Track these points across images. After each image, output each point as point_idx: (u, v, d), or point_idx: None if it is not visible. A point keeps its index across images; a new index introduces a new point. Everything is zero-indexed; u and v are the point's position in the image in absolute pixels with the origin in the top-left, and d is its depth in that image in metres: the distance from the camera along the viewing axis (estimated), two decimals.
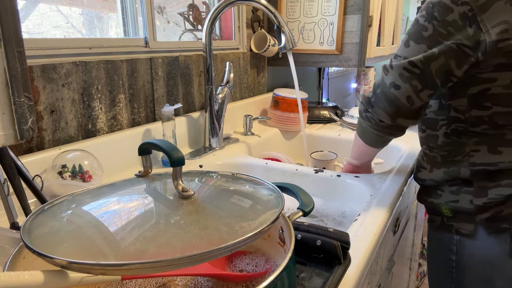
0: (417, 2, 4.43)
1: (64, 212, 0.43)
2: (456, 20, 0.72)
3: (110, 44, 1.00)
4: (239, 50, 1.53)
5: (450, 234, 0.85)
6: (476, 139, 0.79)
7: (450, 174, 0.83)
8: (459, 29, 0.72)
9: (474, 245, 0.82)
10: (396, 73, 0.76)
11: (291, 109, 1.44)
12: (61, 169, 0.79)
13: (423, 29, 0.75)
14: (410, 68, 0.75)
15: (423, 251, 2.40)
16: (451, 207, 0.84)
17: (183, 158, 0.45)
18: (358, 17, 1.47)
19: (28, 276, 0.33)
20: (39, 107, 0.83)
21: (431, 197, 0.88)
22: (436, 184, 0.87)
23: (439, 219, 0.88)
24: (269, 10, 1.07)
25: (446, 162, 0.84)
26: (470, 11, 0.71)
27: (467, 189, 0.81)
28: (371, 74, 2.03)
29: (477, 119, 0.78)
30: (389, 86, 0.77)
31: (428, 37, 0.74)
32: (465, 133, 0.80)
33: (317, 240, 0.54)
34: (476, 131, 0.79)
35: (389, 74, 0.77)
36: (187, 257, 0.34)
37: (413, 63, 0.75)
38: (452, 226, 0.85)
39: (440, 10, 0.73)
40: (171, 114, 1.02)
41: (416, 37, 0.76)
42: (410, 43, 0.77)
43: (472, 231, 0.82)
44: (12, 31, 0.48)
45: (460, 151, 0.81)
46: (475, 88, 0.77)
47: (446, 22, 0.73)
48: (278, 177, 1.05)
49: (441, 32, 0.73)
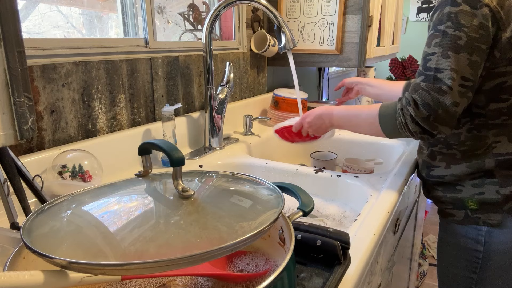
0: (417, 2, 4.43)
1: (64, 212, 0.43)
2: (482, 23, 0.76)
3: (110, 44, 1.00)
4: (239, 50, 1.53)
5: (477, 226, 0.88)
6: (495, 131, 0.83)
7: (474, 167, 0.86)
8: (487, 30, 0.77)
9: (502, 234, 0.85)
10: (455, 93, 0.77)
11: (291, 109, 1.44)
12: (61, 169, 0.79)
13: (457, 38, 0.77)
14: (464, 83, 0.78)
15: (423, 251, 2.40)
16: (477, 199, 0.86)
17: (183, 158, 0.45)
18: (358, 17, 1.47)
19: (28, 276, 0.33)
20: (39, 107, 0.83)
21: (452, 193, 0.90)
22: (456, 179, 0.89)
23: (462, 213, 0.90)
24: (269, 10, 1.07)
25: (466, 157, 0.87)
26: (490, 11, 0.76)
27: (491, 180, 0.85)
28: (371, 74, 2.03)
29: (497, 111, 0.82)
30: (450, 105, 0.77)
31: (465, 45, 0.77)
32: (485, 126, 0.84)
33: (317, 240, 0.54)
34: (496, 123, 0.83)
35: (448, 95, 0.77)
36: (187, 257, 0.34)
37: (465, 78, 0.77)
38: (479, 218, 0.87)
39: (465, 17, 0.77)
40: (171, 114, 1.02)
41: (454, 47, 0.77)
42: (449, 53, 0.78)
43: (501, 220, 0.85)
44: (12, 31, 0.48)
45: (481, 144, 0.85)
46: (490, 83, 0.81)
47: (475, 27, 0.77)
48: (278, 177, 1.05)
49: (475, 37, 0.77)
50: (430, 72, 0.79)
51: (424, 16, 4.34)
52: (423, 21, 4.32)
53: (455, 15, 0.77)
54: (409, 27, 4.39)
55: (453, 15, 0.77)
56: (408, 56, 2.96)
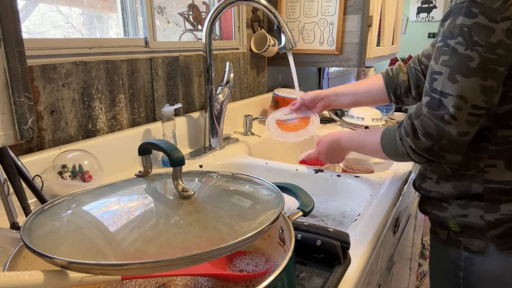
0: (417, 2, 4.44)
1: (64, 212, 0.43)
2: (502, 40, 0.63)
3: (110, 44, 1.00)
4: (239, 50, 1.53)
5: (458, 249, 0.80)
6: (493, 154, 0.73)
7: (460, 189, 0.77)
8: (508, 49, 0.63)
9: (484, 262, 0.77)
10: (461, 122, 0.67)
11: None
12: (61, 169, 0.79)
13: (468, 59, 0.65)
14: (475, 112, 0.66)
15: (423, 251, 2.40)
16: (459, 222, 0.78)
17: (183, 158, 0.45)
18: (358, 17, 1.47)
19: (28, 276, 0.33)
20: (39, 107, 0.83)
21: (436, 210, 0.82)
22: (442, 197, 0.81)
23: (445, 233, 0.82)
24: (269, 10, 1.07)
25: (456, 175, 0.77)
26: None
27: (477, 203, 0.75)
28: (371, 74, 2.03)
29: (503, 139, 0.72)
30: (456, 135, 0.67)
31: (477, 68, 0.64)
32: (484, 149, 0.74)
33: (317, 240, 0.54)
34: (496, 149, 0.73)
35: (453, 125, 0.67)
36: (187, 257, 0.34)
37: (476, 106, 0.66)
38: (460, 241, 0.79)
39: (480, 33, 0.63)
40: (171, 114, 1.02)
41: (463, 70, 0.65)
42: (457, 77, 0.66)
43: (482, 247, 0.76)
44: (12, 31, 0.48)
45: (474, 165, 0.75)
46: (502, 108, 0.70)
47: (492, 45, 0.63)
48: (278, 177, 1.05)
49: (490, 59, 0.64)
50: (435, 95, 0.69)
51: (424, 16, 4.34)
52: (423, 21, 4.33)
53: (468, 29, 0.64)
54: (409, 27, 4.39)
55: (466, 29, 0.64)
56: (408, 56, 2.97)
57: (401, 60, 2.97)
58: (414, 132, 0.71)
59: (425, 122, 0.69)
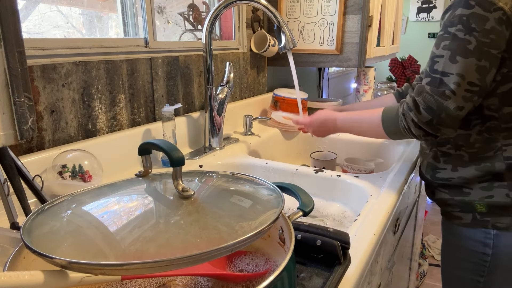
0: (417, 2, 4.44)
1: (64, 212, 0.43)
2: (494, 27, 0.74)
3: (110, 44, 1.00)
4: (239, 50, 1.53)
5: (485, 229, 0.87)
6: (506, 134, 0.82)
7: (483, 170, 0.85)
8: (500, 35, 0.75)
9: (510, 237, 0.85)
10: (459, 98, 0.77)
11: (291, 109, 1.44)
12: (61, 169, 0.79)
13: (467, 43, 0.76)
14: (470, 88, 0.77)
15: (423, 251, 2.40)
16: (486, 202, 0.85)
17: (183, 158, 0.45)
18: (358, 17, 1.47)
19: (28, 276, 0.33)
20: (39, 107, 0.83)
21: (459, 195, 0.89)
22: (464, 182, 0.88)
23: (470, 216, 0.89)
24: (269, 10, 1.07)
25: (475, 159, 0.86)
26: (504, 15, 0.74)
27: (500, 183, 0.84)
28: (371, 74, 2.03)
29: (510, 115, 0.81)
30: (454, 110, 0.78)
31: (474, 49, 0.76)
32: (497, 129, 0.83)
33: (317, 240, 0.54)
34: (508, 126, 0.82)
35: (452, 100, 0.77)
36: (187, 257, 0.34)
37: (472, 83, 0.77)
38: (487, 221, 0.87)
39: (477, 21, 0.75)
40: (171, 114, 1.02)
41: (462, 52, 0.76)
42: (457, 58, 0.77)
43: (509, 223, 0.84)
44: (12, 31, 0.48)
45: (491, 146, 0.84)
46: (505, 87, 0.80)
47: (486, 31, 0.75)
48: (278, 177, 1.05)
49: (485, 42, 0.75)
50: (436, 75, 0.79)
51: (424, 16, 4.34)
52: (423, 21, 4.32)
53: (467, 18, 0.75)
54: (409, 27, 4.39)
55: (465, 18, 0.76)
56: (408, 56, 2.96)
57: (401, 60, 2.97)
58: (417, 107, 0.80)
59: (427, 98, 0.79)
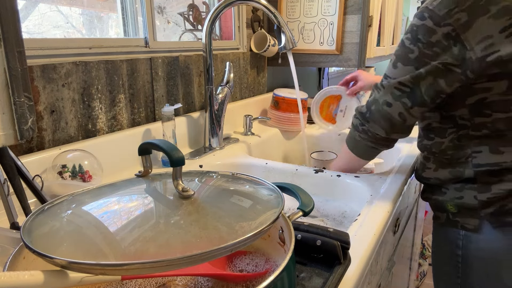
0: (417, 2, 4.43)
1: (64, 212, 0.43)
2: (440, 41, 0.74)
3: (110, 44, 1.00)
4: (239, 50, 1.53)
5: (456, 229, 0.88)
6: (477, 141, 0.81)
7: (454, 174, 0.85)
8: (444, 49, 0.75)
9: (479, 240, 0.84)
10: (387, 92, 0.83)
11: (291, 109, 1.44)
12: (61, 169, 0.79)
13: (409, 52, 0.78)
14: (400, 87, 0.81)
15: (423, 251, 2.40)
16: (456, 203, 0.86)
17: (183, 158, 0.45)
18: (358, 17, 1.47)
19: (28, 276, 0.33)
20: (39, 107, 0.83)
21: (436, 195, 0.91)
22: (440, 183, 0.89)
23: (444, 216, 0.90)
24: (269, 10, 1.07)
25: (452, 163, 0.86)
26: (453, 31, 0.73)
27: (471, 185, 0.84)
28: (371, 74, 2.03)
29: (481, 125, 0.80)
30: (382, 103, 0.84)
31: (414, 59, 0.78)
32: (466, 137, 0.83)
33: (317, 240, 0.54)
34: (477, 135, 0.81)
35: (381, 93, 0.84)
36: (187, 257, 0.34)
37: (402, 83, 0.80)
38: (457, 221, 0.87)
39: (424, 33, 0.76)
40: (171, 114, 1.02)
41: (403, 59, 0.80)
42: (398, 64, 0.81)
43: (477, 225, 0.84)
44: (12, 31, 0.48)
45: (462, 153, 0.84)
46: (472, 99, 0.79)
47: (430, 44, 0.75)
48: (278, 177, 1.05)
49: (427, 54, 0.76)
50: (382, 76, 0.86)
51: None
52: None
53: (417, 28, 0.77)
54: None
55: (415, 28, 0.77)
56: None
57: None
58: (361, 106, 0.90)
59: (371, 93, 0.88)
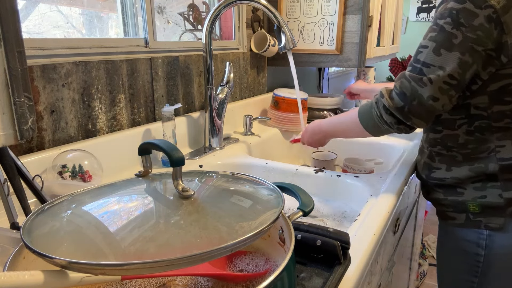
0: (417, 2, 4.43)
1: (64, 212, 0.43)
2: (482, 24, 0.73)
3: (110, 44, 1.00)
4: (239, 50, 1.53)
5: (478, 229, 0.86)
6: (499, 134, 0.81)
7: (476, 171, 0.84)
8: (487, 32, 0.74)
9: (503, 238, 0.84)
10: (435, 87, 0.77)
11: (291, 109, 1.44)
12: (61, 169, 0.79)
13: (453, 37, 0.75)
14: (449, 81, 0.77)
15: (423, 251, 2.40)
16: (479, 203, 0.85)
17: (183, 158, 0.45)
18: (358, 17, 1.47)
19: (28, 276, 0.33)
20: (39, 107, 0.83)
21: (453, 195, 0.89)
22: (458, 182, 0.87)
23: (463, 216, 0.88)
24: (269, 10, 1.07)
25: (468, 159, 0.85)
26: (494, 13, 0.73)
27: (493, 183, 0.83)
28: (371, 74, 2.03)
29: (500, 114, 0.80)
30: (427, 98, 0.77)
31: (459, 44, 0.75)
32: (488, 129, 0.82)
33: (317, 240, 0.54)
34: (499, 126, 0.81)
35: (427, 88, 0.77)
36: (187, 257, 0.34)
37: (452, 76, 0.76)
38: (480, 221, 0.86)
39: (466, 16, 0.74)
40: (171, 114, 1.02)
41: (447, 45, 0.76)
42: (441, 51, 0.77)
43: (502, 224, 0.83)
44: (12, 31, 0.48)
45: (485, 147, 0.83)
46: (495, 85, 0.79)
47: (473, 27, 0.74)
48: (278, 177, 1.05)
49: (470, 37, 0.74)
50: (417, 65, 0.79)
51: (424, 16, 4.34)
52: (423, 21, 4.32)
53: (457, 12, 0.75)
54: (409, 27, 4.39)
55: (455, 12, 0.75)
56: (408, 56, 2.96)
57: (401, 60, 2.97)
58: (389, 93, 0.82)
59: (404, 84, 0.79)
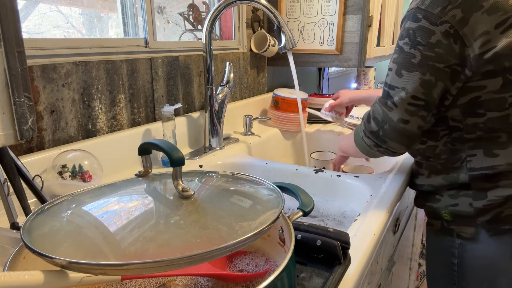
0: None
1: (64, 212, 0.43)
2: (440, 40, 0.72)
3: (110, 44, 1.00)
4: (239, 50, 1.53)
5: (451, 237, 0.85)
6: (471, 144, 0.79)
7: (449, 180, 0.83)
8: (446, 48, 0.72)
9: (476, 248, 0.82)
10: (401, 110, 0.77)
11: (291, 109, 1.44)
12: (61, 169, 0.79)
13: (411, 57, 0.75)
14: (414, 102, 0.76)
15: (423, 251, 2.40)
16: (450, 211, 0.84)
17: (183, 158, 0.45)
18: (358, 17, 1.47)
19: (28, 276, 0.33)
20: (39, 107, 0.83)
21: (430, 202, 0.89)
22: (434, 189, 0.87)
23: (439, 223, 0.88)
24: (269, 10, 1.07)
25: (445, 169, 0.84)
26: (451, 28, 0.71)
27: (466, 192, 0.81)
28: (371, 74, 2.03)
29: (473, 126, 0.78)
30: (397, 122, 0.78)
31: (418, 63, 0.74)
32: (460, 140, 0.80)
33: (317, 240, 0.54)
34: (471, 137, 0.79)
35: (394, 111, 0.78)
36: (187, 257, 0.34)
37: (415, 97, 0.76)
38: (452, 230, 0.85)
39: (422, 34, 0.73)
40: (171, 114, 1.02)
41: (407, 66, 0.76)
42: (402, 72, 0.77)
43: (473, 234, 0.81)
44: (12, 31, 0.48)
45: (457, 157, 0.82)
46: (464, 98, 0.77)
47: (431, 45, 0.73)
48: (278, 177, 1.05)
49: (430, 56, 0.73)
50: (386, 88, 0.81)
51: None
52: None
53: (413, 31, 0.74)
54: None
55: (412, 31, 0.74)
56: None
57: None
58: (368, 117, 0.85)
59: (376, 108, 0.82)
